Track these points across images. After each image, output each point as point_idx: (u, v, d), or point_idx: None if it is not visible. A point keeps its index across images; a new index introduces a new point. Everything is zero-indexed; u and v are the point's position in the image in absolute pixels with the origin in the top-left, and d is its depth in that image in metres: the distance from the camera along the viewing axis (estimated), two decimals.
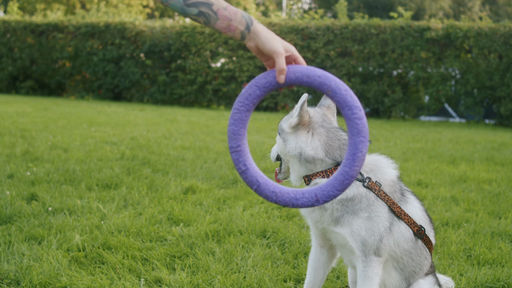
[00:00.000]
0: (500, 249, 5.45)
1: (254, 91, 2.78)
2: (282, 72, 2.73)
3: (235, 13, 2.76)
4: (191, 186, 7.40)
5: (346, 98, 2.70)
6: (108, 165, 8.63)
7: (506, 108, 21.06)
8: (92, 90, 26.53)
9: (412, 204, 3.77)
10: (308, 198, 2.76)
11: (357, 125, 2.70)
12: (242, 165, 2.80)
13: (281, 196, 2.78)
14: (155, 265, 4.69)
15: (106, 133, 12.57)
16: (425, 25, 22.29)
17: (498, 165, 10.53)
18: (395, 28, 22.43)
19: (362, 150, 2.73)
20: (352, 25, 22.78)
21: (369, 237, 3.50)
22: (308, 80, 2.74)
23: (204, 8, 2.74)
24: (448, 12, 59.33)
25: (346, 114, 2.71)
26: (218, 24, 2.77)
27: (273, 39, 2.77)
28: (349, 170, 2.74)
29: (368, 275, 3.54)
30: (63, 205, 6.24)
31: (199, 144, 11.46)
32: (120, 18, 27.36)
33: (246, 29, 2.77)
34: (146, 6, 51.17)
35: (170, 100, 25.35)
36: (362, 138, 2.71)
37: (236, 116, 2.78)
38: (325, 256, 3.87)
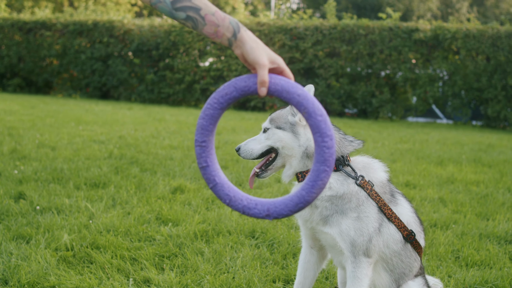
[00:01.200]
0: (488, 250, 5.46)
1: (231, 91, 2.73)
2: (263, 85, 2.67)
3: (223, 19, 2.72)
4: (179, 185, 7.39)
5: (320, 124, 2.65)
6: (96, 164, 8.60)
7: (493, 110, 21.14)
8: (79, 88, 26.44)
9: (402, 205, 3.79)
10: (260, 210, 2.71)
11: (324, 154, 2.65)
12: (203, 161, 2.75)
13: (234, 201, 2.73)
14: (144, 265, 4.68)
15: (94, 132, 12.53)
16: (414, 26, 22.34)
17: (485, 166, 10.57)
18: (383, 29, 22.47)
19: (323, 179, 2.66)
20: (341, 26, 22.81)
21: (358, 238, 3.51)
22: (287, 96, 2.70)
23: (192, 13, 2.71)
24: (436, 13, 59.49)
25: (316, 140, 2.66)
26: (205, 30, 2.73)
27: (258, 49, 2.70)
28: (306, 195, 2.68)
29: (357, 276, 3.54)
30: (51, 204, 6.21)
31: (187, 143, 11.44)
32: (108, 16, 27.30)
33: (233, 36, 2.72)
34: (135, 5, 51.03)
35: (158, 99, 25.30)
36: (326, 168, 2.65)
37: (208, 111, 2.74)
38: (315, 257, 3.87)
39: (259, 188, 7.73)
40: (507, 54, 20.82)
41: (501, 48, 20.92)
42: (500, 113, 21.15)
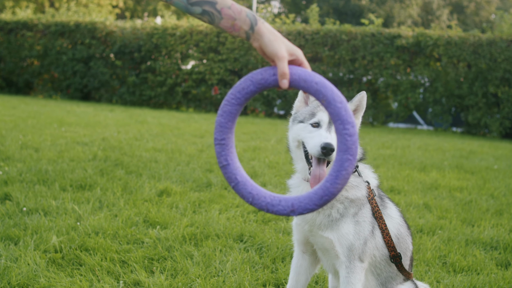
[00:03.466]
0: (474, 256, 5.50)
1: (248, 85, 2.67)
2: (284, 77, 2.62)
3: (239, 12, 2.67)
4: (165, 188, 7.38)
5: (340, 111, 2.57)
6: (80, 165, 8.56)
7: (473, 117, 21.29)
8: (60, 89, 26.31)
9: (391, 209, 3.83)
10: (284, 206, 2.63)
11: (347, 142, 2.57)
12: (223, 159, 2.69)
13: (257, 199, 2.66)
14: (134, 268, 4.67)
15: (77, 134, 12.47)
16: (396, 32, 22.47)
17: (468, 173, 10.64)
18: (366, 34, 22.57)
19: (347, 168, 2.58)
20: (324, 31, 22.88)
21: (356, 241, 3.53)
22: (305, 85, 2.62)
23: (208, 7, 2.66)
24: (417, 20, 59.81)
25: (337, 128, 2.59)
26: (222, 23, 2.68)
27: (277, 41, 2.65)
28: (330, 187, 2.59)
29: (351, 282, 3.55)
30: (38, 205, 6.18)
31: (171, 146, 11.41)
32: (90, 17, 27.19)
33: (250, 29, 2.67)
34: (116, 6, 50.90)
35: (139, 101, 25.24)
36: (350, 156, 2.57)
37: (225, 108, 2.68)
38: (307, 261, 3.87)
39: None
40: (488, 62, 20.97)
41: (482, 56, 21.07)
42: (481, 120, 21.30)
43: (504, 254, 5.66)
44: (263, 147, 12.40)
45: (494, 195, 8.55)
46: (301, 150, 3.57)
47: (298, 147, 3.59)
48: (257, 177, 8.73)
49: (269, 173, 9.08)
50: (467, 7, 62.45)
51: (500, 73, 20.86)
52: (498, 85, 21.00)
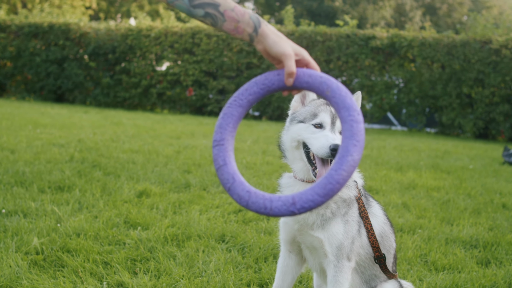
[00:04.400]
0: (455, 255, 5.54)
1: (251, 87, 2.67)
2: (291, 75, 2.61)
3: (242, 14, 2.65)
4: (144, 189, 7.34)
5: (345, 99, 2.54)
6: (58, 167, 8.50)
7: (447, 117, 21.46)
8: (34, 91, 26.10)
9: (375, 207, 3.86)
10: (284, 201, 2.50)
11: (352, 128, 2.48)
12: (221, 160, 2.63)
13: (254, 197, 2.55)
14: (117, 269, 4.64)
15: (53, 135, 12.37)
16: (371, 33, 22.60)
17: (444, 172, 10.71)
18: (340, 36, 22.67)
19: (353, 154, 2.45)
20: (299, 32, 22.95)
21: (345, 240, 3.53)
22: (309, 79, 2.61)
23: (211, 9, 2.63)
24: (390, 22, 60.12)
25: (342, 116, 2.52)
26: (225, 26, 2.65)
27: (281, 41, 2.63)
28: (335, 174, 2.44)
29: (339, 281, 3.56)
30: (17, 207, 6.12)
31: (147, 147, 11.37)
32: (64, 19, 27.02)
33: (254, 31, 2.64)
34: (89, 8, 50.63)
35: (114, 103, 25.14)
36: (355, 142, 2.46)
37: (226, 110, 2.68)
38: (294, 261, 3.87)
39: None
40: (462, 63, 21.15)
41: (456, 57, 21.25)
42: (454, 120, 21.48)
43: (484, 252, 5.71)
44: (240, 148, 12.39)
45: (471, 195, 8.62)
46: (300, 151, 3.56)
47: (298, 148, 3.57)
48: None
49: (247, 174, 9.08)
50: (439, 9, 62.88)
51: (473, 74, 21.04)
52: (472, 85, 21.19)
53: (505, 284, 4.81)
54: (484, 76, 21.04)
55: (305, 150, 3.53)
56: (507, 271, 5.09)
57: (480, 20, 23.44)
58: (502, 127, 21.17)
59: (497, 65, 20.97)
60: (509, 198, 8.49)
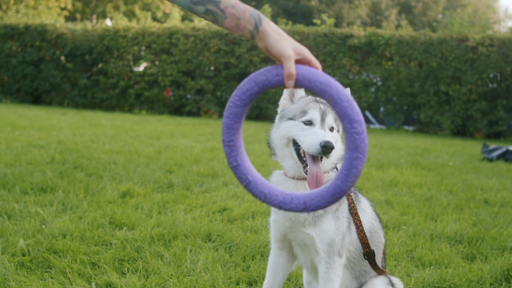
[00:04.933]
0: (441, 250, 5.58)
1: (252, 87, 2.64)
2: (290, 77, 2.58)
3: (243, 11, 2.62)
4: (128, 190, 7.32)
5: (347, 110, 2.55)
6: (39, 168, 8.43)
7: (426, 115, 21.60)
8: (10, 93, 25.92)
9: (364, 203, 3.87)
10: (297, 204, 2.63)
11: (355, 140, 2.54)
12: (233, 160, 2.67)
13: (269, 197, 2.65)
14: (105, 269, 4.61)
15: (32, 137, 12.29)
16: (348, 32, 22.69)
17: (424, 169, 10.77)
18: (318, 35, 22.72)
19: (357, 166, 2.57)
20: None
21: (336, 237, 3.54)
22: (309, 85, 2.60)
23: (211, 6, 2.61)
24: (366, 21, 60.38)
25: (345, 127, 2.57)
26: (226, 23, 2.63)
27: (282, 40, 2.60)
28: (341, 185, 2.59)
29: (330, 277, 3.56)
30: (0, 209, 6.07)
31: (128, 148, 11.33)
32: (40, 20, 26.86)
33: (255, 29, 2.61)
34: (64, 9, 50.35)
35: (91, 104, 25.04)
36: (359, 155, 2.55)
37: (231, 110, 2.66)
38: (284, 258, 3.86)
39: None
40: (439, 60, 21.29)
41: (433, 55, 21.38)
42: (432, 118, 21.61)
43: (469, 247, 5.74)
44: (220, 147, 12.38)
45: (452, 191, 8.68)
46: (291, 148, 3.54)
47: (287, 145, 3.55)
48: (218, 177, 8.72)
49: (229, 173, 9.08)
50: (415, 7, 63.26)
51: (451, 71, 21.19)
52: (449, 83, 21.33)
53: (492, 279, 4.85)
54: (461, 73, 21.19)
55: (295, 148, 3.52)
56: (493, 265, 5.12)
57: (456, 18, 23.60)
58: (479, 124, 21.33)
59: (474, 63, 21.13)
60: (490, 194, 8.55)
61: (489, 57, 20.97)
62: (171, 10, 46.06)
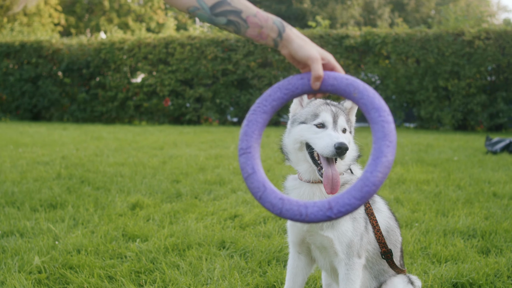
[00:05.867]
0: (455, 245, 5.56)
1: (274, 92, 2.59)
2: (318, 79, 2.55)
3: (266, 19, 2.58)
4: (137, 201, 7.31)
5: (374, 100, 2.49)
6: (46, 185, 8.44)
7: (426, 111, 21.60)
8: (9, 111, 25.95)
9: (379, 202, 3.86)
10: (320, 206, 2.43)
11: (383, 128, 2.43)
12: (249, 168, 2.53)
13: (288, 204, 2.46)
14: (122, 283, 4.60)
15: (36, 153, 12.29)
16: (344, 33, 22.71)
17: (430, 166, 10.77)
18: (314, 37, 22.73)
19: (387, 155, 2.41)
20: None
21: (354, 238, 3.53)
22: (335, 82, 2.55)
23: (233, 17, 2.57)
24: (359, 20, 60.46)
25: (372, 117, 2.47)
26: (249, 32, 2.60)
27: (307, 45, 2.57)
28: (371, 176, 2.40)
29: (350, 278, 3.55)
30: (12, 227, 6.06)
31: (133, 160, 11.33)
32: (36, 36, 26.88)
33: (278, 36, 2.58)
34: (58, 24, 50.40)
35: (91, 117, 25.05)
36: (388, 143, 2.42)
37: (251, 117, 2.59)
38: (303, 262, 3.86)
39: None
40: (436, 56, 21.30)
41: (430, 51, 21.40)
42: (433, 114, 21.62)
43: (482, 241, 5.73)
44: (224, 154, 12.40)
45: (460, 186, 8.67)
46: (304, 152, 3.53)
47: (301, 149, 3.54)
48: (226, 184, 8.71)
49: (236, 179, 9.08)
50: (407, 5, 63.34)
51: (448, 66, 21.20)
52: (448, 78, 21.34)
53: (508, 271, 4.84)
54: (459, 68, 21.20)
55: (309, 151, 3.51)
56: (509, 258, 5.12)
57: (451, 13, 23.63)
58: (480, 118, 21.35)
59: (471, 57, 21.14)
60: (498, 186, 8.55)
61: (486, 50, 20.99)
62: (164, 20, 46.12)
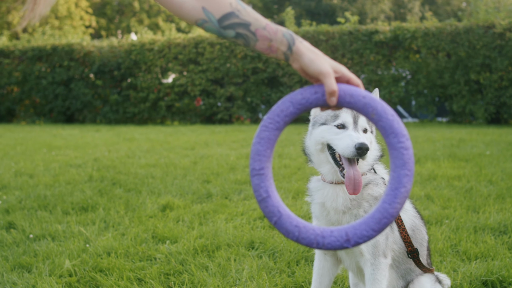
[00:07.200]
0: (485, 242, 5.52)
1: (287, 107, 2.45)
2: (333, 94, 2.42)
3: (275, 32, 2.48)
4: (167, 203, 7.36)
5: (393, 123, 2.39)
6: (78, 188, 8.53)
7: (458, 105, 21.43)
8: (43, 114, 26.23)
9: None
10: (337, 237, 2.36)
11: (403, 156, 2.36)
12: (263, 191, 2.39)
13: (305, 232, 2.38)
14: (151, 285, 4.64)
15: (68, 156, 12.42)
16: (373, 28, 22.61)
17: (462, 161, 10.68)
18: (343, 33, 22.68)
19: (405, 185, 2.35)
20: (301, 33, 22.94)
21: (380, 237, 3.53)
22: (351, 100, 2.43)
23: (242, 30, 2.49)
24: (389, 15, 60.11)
25: (391, 142, 2.38)
26: (258, 46, 2.51)
27: (318, 59, 2.44)
28: (389, 207, 2.35)
29: (377, 278, 3.55)
30: (44, 231, 6.14)
31: (164, 160, 11.40)
32: (67, 39, 27.13)
33: (288, 49, 2.47)
34: (89, 27, 50.80)
35: (124, 119, 25.21)
36: (407, 172, 2.35)
37: (263, 134, 2.42)
38: (329, 262, 3.86)
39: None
40: (467, 50, 21.13)
41: (460, 44, 21.23)
42: (465, 108, 21.45)
43: None
44: None
45: (492, 181, 8.59)
46: (326, 153, 3.55)
47: (322, 150, 3.55)
48: None
49: None
50: None
51: (480, 59, 21.01)
52: (479, 71, 21.16)
53: None
54: (491, 61, 21.00)
55: (330, 152, 3.52)
56: None
57: (481, 6, 23.40)
58: None
59: (503, 49, 20.94)
60: None
61: None
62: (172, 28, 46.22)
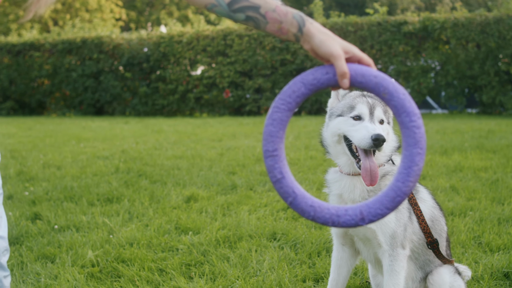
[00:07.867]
0: (509, 234, 5.48)
1: (298, 88, 2.43)
2: (344, 76, 2.41)
3: (285, 14, 2.49)
4: (192, 194, 7.39)
5: (405, 103, 2.37)
6: (104, 179, 8.60)
7: (488, 96, 21.22)
8: (73, 106, 26.43)
9: (423, 192, 3.85)
10: (352, 215, 2.37)
11: (415, 134, 2.35)
12: (277, 172, 2.39)
13: (320, 211, 2.37)
14: (172, 275, 4.68)
15: (96, 148, 12.53)
16: (402, 19, 22.45)
17: (489, 152, 10.59)
18: (372, 24, 22.56)
19: (418, 163, 2.35)
20: (330, 24, 22.86)
21: (397, 228, 3.52)
22: (363, 80, 2.41)
23: (251, 12, 2.50)
24: (420, 5, 59.64)
25: (403, 121, 2.37)
26: (268, 28, 2.51)
27: (329, 40, 2.45)
28: (402, 186, 2.35)
29: (395, 269, 3.55)
30: (69, 222, 6.21)
31: (191, 152, 11.44)
32: (96, 32, 27.30)
33: (299, 31, 2.48)
34: (119, 19, 51.03)
35: (153, 111, 25.31)
36: (419, 150, 2.34)
37: (275, 115, 2.41)
38: (347, 253, 3.87)
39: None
40: (497, 40, 20.90)
41: (490, 35, 21.00)
42: (495, 99, 21.23)
43: None
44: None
45: None
46: (342, 144, 3.54)
47: (339, 142, 3.55)
48: None
49: (292, 170, 9.08)
50: None
51: (510, 50, 20.79)
52: (510, 62, 20.93)
53: None
54: None
55: (347, 143, 3.52)
56: None
57: None
58: None
59: None
60: None
61: None
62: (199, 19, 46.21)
